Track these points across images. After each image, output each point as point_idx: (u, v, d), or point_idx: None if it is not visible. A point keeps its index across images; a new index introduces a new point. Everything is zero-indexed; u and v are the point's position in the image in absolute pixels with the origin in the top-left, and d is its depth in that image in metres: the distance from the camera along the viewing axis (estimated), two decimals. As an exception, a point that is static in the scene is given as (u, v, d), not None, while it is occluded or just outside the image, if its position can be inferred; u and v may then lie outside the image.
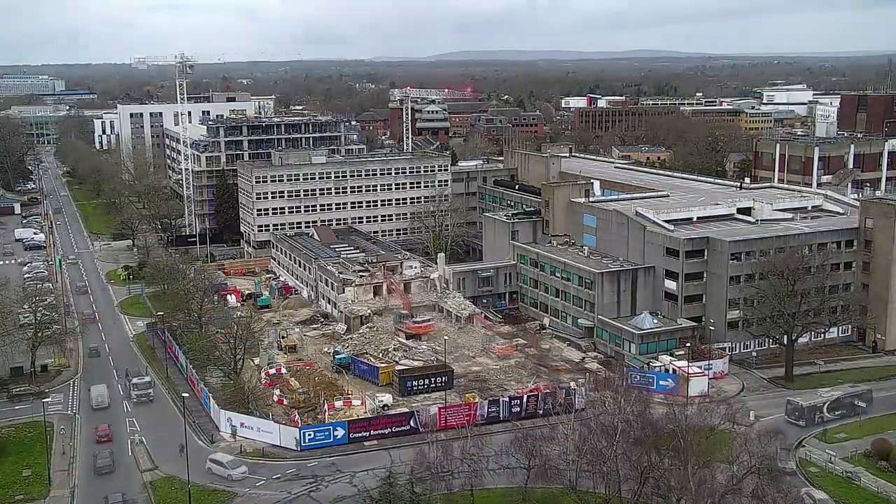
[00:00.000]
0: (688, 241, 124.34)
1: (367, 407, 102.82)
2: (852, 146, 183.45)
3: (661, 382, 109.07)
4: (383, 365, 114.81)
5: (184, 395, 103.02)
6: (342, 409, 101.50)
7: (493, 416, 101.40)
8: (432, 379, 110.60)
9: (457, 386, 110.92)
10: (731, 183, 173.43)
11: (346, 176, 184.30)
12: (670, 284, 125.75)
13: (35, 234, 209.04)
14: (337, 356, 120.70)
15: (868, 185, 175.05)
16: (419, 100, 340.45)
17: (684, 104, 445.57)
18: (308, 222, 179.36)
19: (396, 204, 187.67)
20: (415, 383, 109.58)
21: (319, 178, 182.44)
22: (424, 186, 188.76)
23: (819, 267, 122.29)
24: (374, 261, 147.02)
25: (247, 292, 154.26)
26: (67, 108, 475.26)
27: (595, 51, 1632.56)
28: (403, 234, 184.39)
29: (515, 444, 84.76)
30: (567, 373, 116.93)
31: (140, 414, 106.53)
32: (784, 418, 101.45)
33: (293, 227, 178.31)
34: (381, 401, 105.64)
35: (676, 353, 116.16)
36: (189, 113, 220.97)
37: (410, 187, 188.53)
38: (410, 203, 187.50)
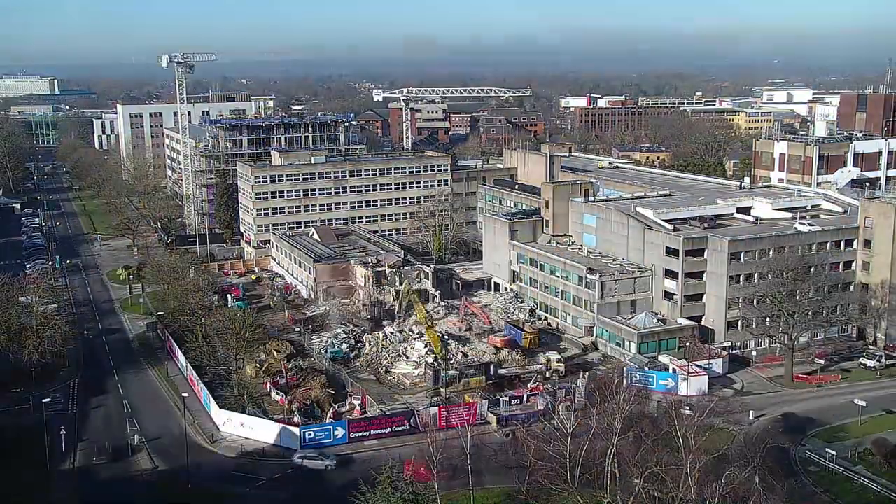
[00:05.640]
0: (687, 241, 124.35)
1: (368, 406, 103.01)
2: (852, 145, 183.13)
3: (660, 382, 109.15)
4: None
5: (184, 395, 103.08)
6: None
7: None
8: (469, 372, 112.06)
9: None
10: (731, 182, 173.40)
11: (346, 176, 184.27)
12: (670, 284, 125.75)
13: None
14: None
15: (867, 184, 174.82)
16: (419, 100, 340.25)
17: (684, 104, 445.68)
18: (308, 222, 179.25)
19: (396, 204, 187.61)
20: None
21: (319, 178, 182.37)
22: (424, 186, 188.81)
23: (819, 266, 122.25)
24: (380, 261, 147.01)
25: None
26: (67, 108, 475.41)
27: (595, 50, 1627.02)
28: (403, 233, 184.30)
29: (516, 443, 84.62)
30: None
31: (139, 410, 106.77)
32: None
33: (293, 227, 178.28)
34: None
35: (668, 353, 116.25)
36: (189, 113, 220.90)
37: (410, 187, 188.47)
38: (410, 203, 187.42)
